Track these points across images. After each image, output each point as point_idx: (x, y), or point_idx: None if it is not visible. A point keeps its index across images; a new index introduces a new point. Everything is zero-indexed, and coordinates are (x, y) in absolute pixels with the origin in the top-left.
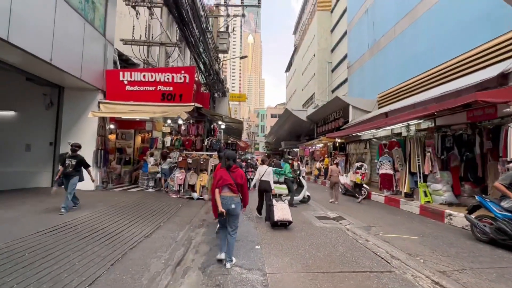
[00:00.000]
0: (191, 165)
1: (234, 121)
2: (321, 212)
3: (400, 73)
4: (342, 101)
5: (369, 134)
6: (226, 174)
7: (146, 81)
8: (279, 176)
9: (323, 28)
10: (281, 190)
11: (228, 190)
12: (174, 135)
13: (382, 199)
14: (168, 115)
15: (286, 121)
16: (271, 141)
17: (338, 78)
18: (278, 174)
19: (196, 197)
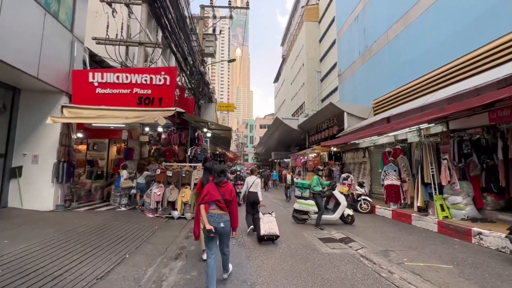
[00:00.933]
0: (171, 179)
1: (222, 128)
2: (323, 232)
3: (396, 78)
4: (336, 107)
5: (368, 141)
6: (214, 189)
7: (120, 83)
8: (302, 190)
9: (311, 38)
10: (307, 206)
11: (216, 207)
12: (153, 145)
13: (389, 213)
14: (143, 121)
15: (276, 130)
16: (260, 152)
17: (328, 87)
18: (301, 188)
19: (177, 216)
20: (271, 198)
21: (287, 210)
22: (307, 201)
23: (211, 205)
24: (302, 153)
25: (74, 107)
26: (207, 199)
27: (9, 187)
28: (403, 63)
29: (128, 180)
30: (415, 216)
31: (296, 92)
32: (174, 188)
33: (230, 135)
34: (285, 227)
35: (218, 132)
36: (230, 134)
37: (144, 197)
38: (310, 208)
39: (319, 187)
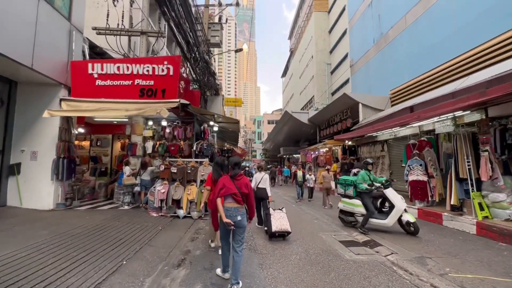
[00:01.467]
0: (175, 176)
1: (229, 121)
2: (343, 233)
3: (416, 66)
4: (350, 99)
5: (388, 133)
6: (230, 182)
7: (121, 74)
8: (345, 188)
9: (320, 29)
10: (351, 206)
11: (232, 201)
12: (157, 140)
13: (415, 212)
14: (144, 113)
15: (285, 125)
16: (268, 148)
17: (338, 80)
18: (344, 185)
19: (183, 215)
20: (282, 195)
21: (299, 208)
22: (351, 201)
23: (227, 198)
24: (313, 148)
25: (72, 100)
26: (223, 192)
27: (7, 185)
28: (424, 49)
29: (131, 177)
30: (447, 216)
31: (305, 86)
32: (179, 185)
33: (238, 129)
34: (300, 226)
35: (226, 125)
36: (238, 128)
37: (147, 195)
38: (355, 208)
39: (365, 184)
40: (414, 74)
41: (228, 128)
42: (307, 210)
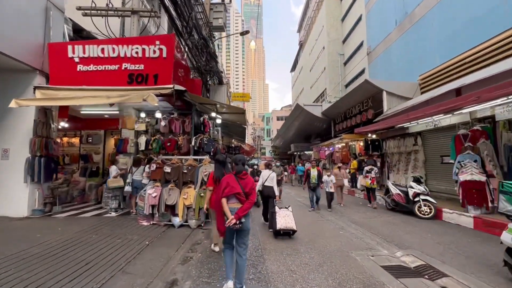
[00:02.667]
0: (170, 176)
1: (233, 111)
2: (383, 252)
3: (451, 46)
4: (372, 86)
5: (423, 124)
6: (234, 181)
7: (106, 57)
8: None
9: (332, 18)
10: None
11: (236, 201)
12: (151, 135)
13: (469, 221)
14: (129, 100)
15: (295, 120)
16: (278, 144)
17: (352, 71)
18: None
19: (178, 223)
20: (295, 196)
21: (318, 213)
22: None
23: (230, 198)
24: (327, 144)
25: (49, 88)
26: (227, 192)
27: None
28: (462, 25)
29: (117, 179)
30: None
31: (316, 79)
32: (174, 188)
33: (245, 121)
34: (323, 241)
35: (230, 118)
36: (244, 120)
37: (137, 200)
38: None
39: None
40: (448, 55)
41: (233, 121)
42: (327, 217)
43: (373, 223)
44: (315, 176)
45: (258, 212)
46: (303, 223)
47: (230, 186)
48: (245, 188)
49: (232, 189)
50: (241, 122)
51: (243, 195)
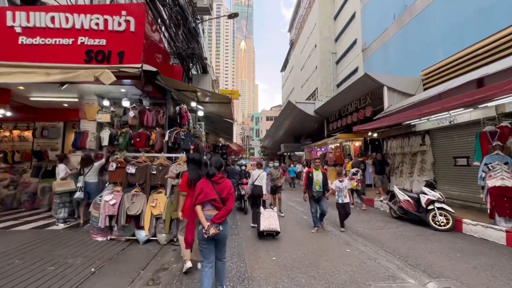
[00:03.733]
0: (134, 179)
1: (218, 99)
2: (408, 281)
3: (456, 39)
4: (372, 80)
5: (434, 120)
6: (209, 187)
7: (57, 28)
8: None
9: (325, 15)
10: None
11: (212, 208)
12: (117, 127)
13: (500, 236)
14: (75, 78)
15: (286, 118)
16: (267, 145)
17: (345, 70)
18: None
19: (144, 238)
20: (286, 200)
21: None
22: None
23: (205, 205)
24: (321, 144)
25: None
26: (201, 198)
27: None
28: (468, 17)
29: (67, 181)
30: None
31: (307, 78)
32: (140, 193)
33: (231, 114)
34: (329, 264)
35: (215, 111)
36: (230, 113)
37: (91, 208)
38: None
39: None
40: (454, 49)
41: (219, 114)
42: (329, 227)
43: (383, 236)
44: (319, 182)
45: (246, 222)
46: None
47: (204, 192)
48: (222, 193)
49: (206, 195)
50: (227, 116)
51: (220, 202)
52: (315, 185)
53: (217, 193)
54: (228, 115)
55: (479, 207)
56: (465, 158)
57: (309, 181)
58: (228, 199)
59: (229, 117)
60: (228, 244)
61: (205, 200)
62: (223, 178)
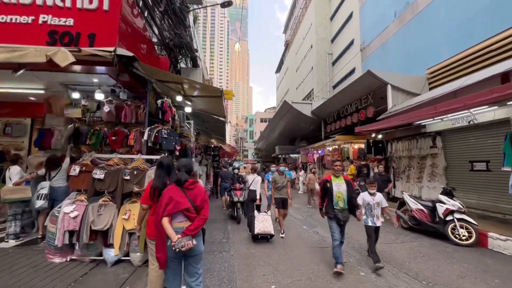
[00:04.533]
0: (102, 185)
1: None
2: None
3: (464, 35)
4: (375, 78)
5: (449, 120)
6: (180, 194)
7: (13, 3)
8: None
9: (321, 16)
10: None
11: (184, 219)
12: (89, 123)
13: None
14: (20, 59)
15: (282, 119)
16: (261, 147)
17: (341, 71)
18: None
19: (113, 259)
20: None
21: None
22: None
23: (176, 217)
24: (318, 146)
25: None
26: (170, 208)
27: None
28: (477, 12)
29: (20, 187)
30: None
31: (303, 79)
32: (109, 203)
33: (223, 110)
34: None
35: (205, 107)
36: (222, 109)
37: (47, 222)
38: None
39: None
40: (461, 46)
41: (209, 111)
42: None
43: (399, 253)
44: (343, 196)
45: (239, 233)
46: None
47: (174, 201)
48: (195, 201)
49: (177, 205)
50: (218, 113)
51: (193, 211)
52: (336, 201)
53: (190, 201)
54: (220, 112)
55: (502, 217)
56: (484, 162)
57: (326, 194)
58: (203, 207)
59: (220, 114)
60: (216, 265)
61: (177, 211)
62: (195, 183)
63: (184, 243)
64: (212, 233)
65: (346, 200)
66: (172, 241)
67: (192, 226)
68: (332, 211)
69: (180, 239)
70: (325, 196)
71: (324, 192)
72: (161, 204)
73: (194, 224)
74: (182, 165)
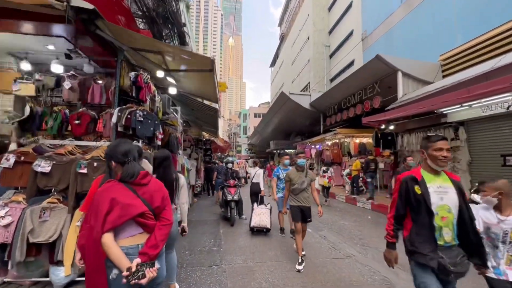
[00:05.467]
0: (49, 182)
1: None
2: None
3: (481, 19)
4: (384, 64)
5: (478, 107)
6: (128, 194)
7: None
8: None
9: (319, 6)
10: None
11: (138, 231)
12: (45, 103)
13: None
14: None
15: (278, 112)
16: (255, 142)
17: (339, 64)
18: None
19: (63, 280)
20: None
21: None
22: None
23: (124, 229)
24: (318, 140)
25: None
26: (114, 218)
27: None
28: None
29: None
30: None
31: (299, 73)
32: (58, 205)
33: (215, 91)
34: None
35: (194, 86)
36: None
37: None
38: None
39: None
40: (479, 30)
41: (198, 93)
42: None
43: None
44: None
45: (233, 238)
46: None
47: (120, 205)
48: (153, 201)
49: (127, 210)
50: (209, 95)
51: (151, 216)
52: (439, 226)
53: (145, 202)
54: (211, 95)
55: None
56: None
57: (414, 211)
58: (164, 208)
59: (212, 98)
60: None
61: (126, 220)
62: (147, 175)
63: (145, 271)
64: (200, 239)
65: (456, 227)
66: (122, 270)
67: (153, 240)
68: (432, 251)
69: (139, 266)
70: (410, 215)
71: (405, 204)
72: (97, 212)
73: (156, 237)
74: (125, 150)
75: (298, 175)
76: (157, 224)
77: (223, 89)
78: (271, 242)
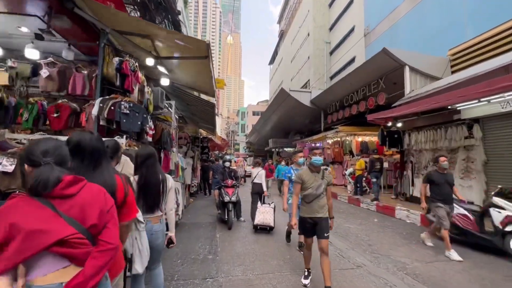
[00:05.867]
0: (11, 184)
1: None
2: None
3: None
4: (391, 58)
5: (497, 102)
6: (40, 215)
7: None
8: None
9: (319, 2)
10: None
11: (62, 264)
12: (20, 93)
13: None
14: None
15: (277, 110)
16: (253, 140)
17: (340, 61)
18: None
19: None
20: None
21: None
22: None
23: (40, 264)
24: (319, 138)
25: None
26: (9, 255)
27: None
28: None
29: None
30: None
31: (298, 70)
32: None
33: (211, 81)
34: None
35: (187, 78)
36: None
37: None
38: None
39: None
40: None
41: (192, 85)
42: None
43: (453, 278)
44: None
45: (231, 244)
46: None
47: (23, 233)
48: (85, 219)
49: (31, 242)
50: (205, 88)
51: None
52: None
53: (71, 220)
54: (207, 87)
55: None
56: None
57: None
58: (104, 226)
59: (208, 90)
60: None
61: (31, 255)
62: (78, 182)
63: None
64: (194, 245)
65: None
66: None
67: (79, 278)
68: None
69: None
70: None
71: None
72: None
73: (84, 272)
74: (45, 149)
75: (312, 176)
76: (93, 251)
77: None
78: (273, 248)
